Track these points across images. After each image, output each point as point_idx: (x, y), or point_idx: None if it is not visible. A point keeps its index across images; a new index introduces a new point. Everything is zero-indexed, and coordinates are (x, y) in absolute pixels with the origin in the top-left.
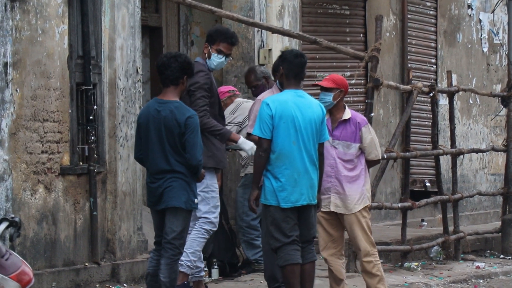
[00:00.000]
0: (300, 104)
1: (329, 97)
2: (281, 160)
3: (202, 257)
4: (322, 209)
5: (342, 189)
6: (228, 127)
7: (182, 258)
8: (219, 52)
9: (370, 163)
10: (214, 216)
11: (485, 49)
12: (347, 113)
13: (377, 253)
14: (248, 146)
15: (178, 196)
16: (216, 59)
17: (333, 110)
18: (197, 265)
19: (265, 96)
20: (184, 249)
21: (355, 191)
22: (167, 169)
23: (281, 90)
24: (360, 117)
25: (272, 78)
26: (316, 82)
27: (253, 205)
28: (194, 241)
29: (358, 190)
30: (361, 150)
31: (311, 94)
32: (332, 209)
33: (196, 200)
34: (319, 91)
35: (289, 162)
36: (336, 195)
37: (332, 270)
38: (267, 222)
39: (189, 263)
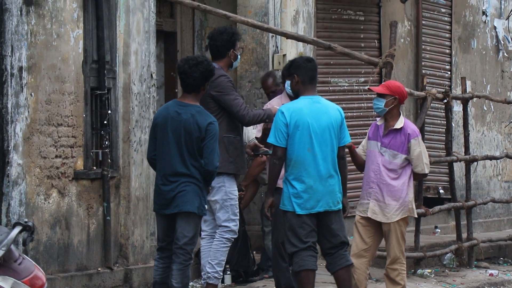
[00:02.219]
0: (315, 110)
1: (381, 103)
2: (297, 167)
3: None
4: (360, 214)
5: (382, 197)
6: None
7: (208, 270)
8: (238, 50)
9: (416, 176)
10: (234, 224)
11: (502, 55)
12: (400, 122)
13: (405, 263)
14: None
15: (192, 201)
16: (238, 57)
17: (387, 117)
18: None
19: (273, 103)
20: (209, 261)
21: (395, 200)
22: (184, 172)
23: (290, 97)
24: (412, 128)
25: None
26: (370, 87)
27: (267, 213)
28: (218, 252)
29: (399, 201)
30: (409, 161)
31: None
32: (369, 215)
33: (206, 206)
34: (332, 97)
35: (304, 169)
36: (375, 201)
37: (354, 277)
38: (285, 227)
39: (216, 275)
